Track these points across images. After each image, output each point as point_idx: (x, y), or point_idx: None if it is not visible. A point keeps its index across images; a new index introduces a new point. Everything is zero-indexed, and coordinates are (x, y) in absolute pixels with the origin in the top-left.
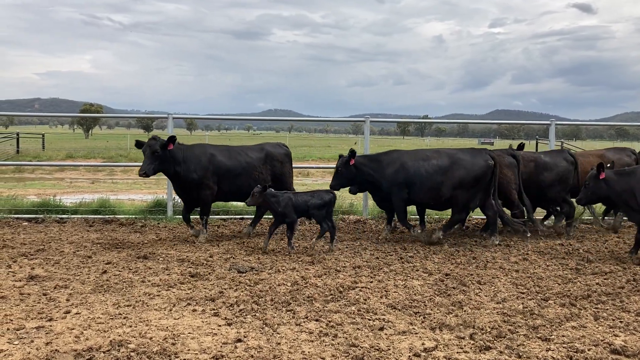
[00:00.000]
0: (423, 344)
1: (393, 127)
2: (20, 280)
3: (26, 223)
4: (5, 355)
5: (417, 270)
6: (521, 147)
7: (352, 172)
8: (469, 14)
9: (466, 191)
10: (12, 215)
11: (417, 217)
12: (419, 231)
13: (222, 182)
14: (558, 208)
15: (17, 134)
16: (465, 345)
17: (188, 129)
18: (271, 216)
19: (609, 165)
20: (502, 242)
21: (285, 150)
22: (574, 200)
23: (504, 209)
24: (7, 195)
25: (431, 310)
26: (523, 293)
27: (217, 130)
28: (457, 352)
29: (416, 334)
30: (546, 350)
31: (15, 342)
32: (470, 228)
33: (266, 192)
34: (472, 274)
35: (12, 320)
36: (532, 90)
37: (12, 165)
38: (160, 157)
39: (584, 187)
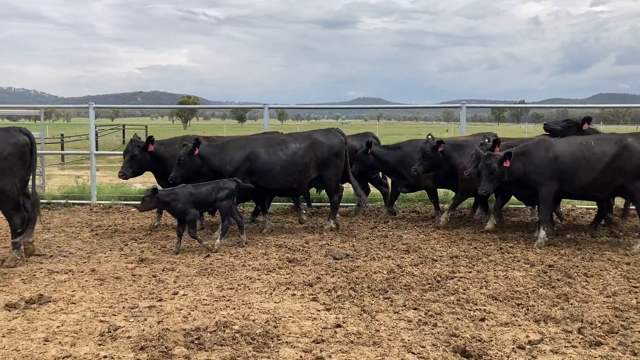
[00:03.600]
0: (527, 336)
1: (487, 113)
2: (131, 263)
3: (134, 209)
4: (122, 331)
5: (518, 261)
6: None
7: (196, 163)
8: None
9: (332, 170)
10: (122, 202)
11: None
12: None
13: None
14: None
15: (123, 126)
16: (573, 340)
17: (279, 118)
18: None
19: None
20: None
21: (18, 140)
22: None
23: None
24: (117, 183)
25: (535, 302)
26: (636, 287)
27: (306, 120)
28: (565, 347)
29: (519, 325)
30: None
31: (131, 320)
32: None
33: (158, 194)
34: (577, 266)
35: (126, 300)
36: None
37: (119, 155)
38: None
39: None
